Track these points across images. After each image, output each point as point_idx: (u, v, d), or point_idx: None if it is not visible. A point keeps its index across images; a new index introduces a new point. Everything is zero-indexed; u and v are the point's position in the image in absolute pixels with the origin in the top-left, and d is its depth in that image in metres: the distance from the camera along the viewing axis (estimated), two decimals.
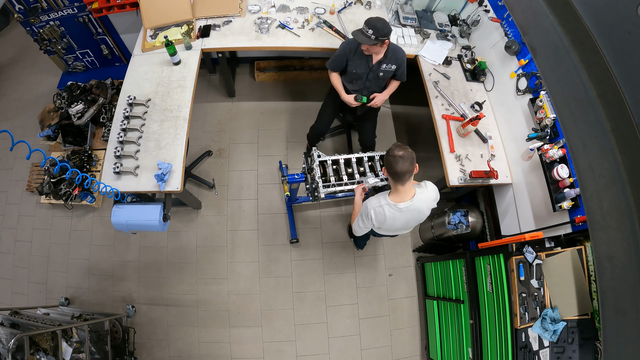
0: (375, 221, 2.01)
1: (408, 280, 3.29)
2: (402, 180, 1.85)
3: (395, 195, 1.94)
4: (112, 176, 2.38)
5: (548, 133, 2.29)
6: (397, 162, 1.79)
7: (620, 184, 1.75)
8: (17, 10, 3.16)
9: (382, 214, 1.98)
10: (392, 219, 2.00)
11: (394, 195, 1.95)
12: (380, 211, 1.97)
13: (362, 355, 3.05)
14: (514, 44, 2.57)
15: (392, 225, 2.07)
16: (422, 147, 3.74)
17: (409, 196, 1.93)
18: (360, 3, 3.25)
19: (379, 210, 1.97)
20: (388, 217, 1.98)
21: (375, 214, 1.99)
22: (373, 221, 2.02)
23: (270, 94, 3.89)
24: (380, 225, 2.06)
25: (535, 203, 2.42)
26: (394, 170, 1.81)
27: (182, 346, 2.98)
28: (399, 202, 1.93)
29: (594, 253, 1.89)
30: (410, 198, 1.93)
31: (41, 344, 2.09)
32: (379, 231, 2.28)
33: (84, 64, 3.82)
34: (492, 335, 2.19)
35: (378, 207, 1.97)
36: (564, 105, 2.12)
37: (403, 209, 1.95)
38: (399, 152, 1.80)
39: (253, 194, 3.44)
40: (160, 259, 3.22)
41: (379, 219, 2.00)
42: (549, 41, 2.21)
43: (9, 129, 1.69)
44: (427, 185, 2.02)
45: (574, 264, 2.04)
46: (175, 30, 2.95)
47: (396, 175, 1.83)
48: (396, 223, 2.05)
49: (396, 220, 2.01)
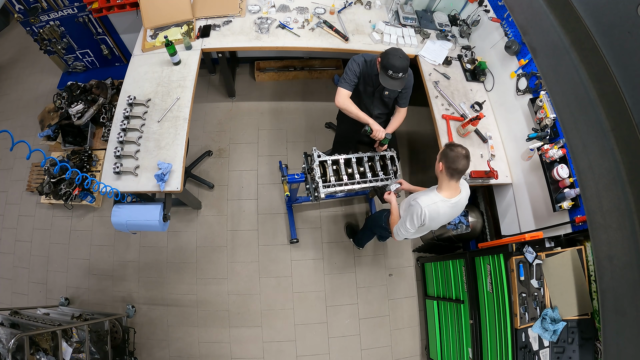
0: (428, 219, 2.01)
1: (408, 280, 3.29)
2: (458, 177, 1.92)
3: (446, 191, 1.98)
4: (112, 176, 2.38)
5: (548, 133, 2.29)
6: (461, 160, 1.84)
7: (620, 184, 1.75)
8: (17, 10, 3.16)
9: (436, 211, 2.00)
10: (442, 215, 2.04)
11: (444, 191, 1.99)
12: (434, 208, 1.99)
13: (362, 355, 3.05)
14: (514, 44, 2.57)
15: (438, 222, 2.11)
16: (422, 147, 3.76)
17: (457, 192, 2.00)
18: (360, 3, 3.25)
19: (434, 208, 1.99)
20: (441, 213, 2.02)
21: (429, 212, 1.99)
22: (425, 220, 2.02)
23: (270, 94, 3.89)
24: (429, 222, 2.05)
25: (535, 203, 2.42)
26: (456, 167, 1.86)
27: (182, 346, 2.98)
28: (450, 197, 1.98)
29: (594, 253, 1.89)
30: (459, 193, 2.00)
31: (41, 344, 2.09)
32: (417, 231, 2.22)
33: (84, 64, 3.82)
34: (492, 335, 2.19)
35: (432, 205, 1.98)
36: (564, 105, 2.12)
37: (454, 204, 2.01)
38: (463, 151, 1.86)
39: (253, 194, 3.44)
40: (160, 259, 3.22)
41: (432, 216, 2.01)
42: (549, 41, 2.21)
43: (9, 129, 1.69)
44: (464, 182, 2.09)
45: (574, 264, 2.04)
46: (175, 30, 2.95)
47: (456, 172, 1.88)
48: (441, 219, 2.09)
49: (444, 216, 2.06)
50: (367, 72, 2.35)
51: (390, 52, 2.12)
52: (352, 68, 2.35)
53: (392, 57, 2.09)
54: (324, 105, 3.87)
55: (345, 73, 2.38)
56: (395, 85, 2.18)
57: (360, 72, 2.35)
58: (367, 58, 2.34)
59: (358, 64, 2.35)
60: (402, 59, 2.10)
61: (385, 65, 2.11)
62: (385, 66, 2.12)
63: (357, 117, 2.41)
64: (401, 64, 2.09)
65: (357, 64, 2.35)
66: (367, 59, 2.34)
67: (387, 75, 2.12)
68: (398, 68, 2.09)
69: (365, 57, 2.35)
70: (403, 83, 2.21)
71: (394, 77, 2.12)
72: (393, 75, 2.11)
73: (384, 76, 2.15)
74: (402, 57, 2.10)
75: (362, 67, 2.34)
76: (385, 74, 2.13)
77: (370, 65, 2.33)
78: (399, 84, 2.19)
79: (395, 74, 2.10)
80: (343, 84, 2.38)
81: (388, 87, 2.18)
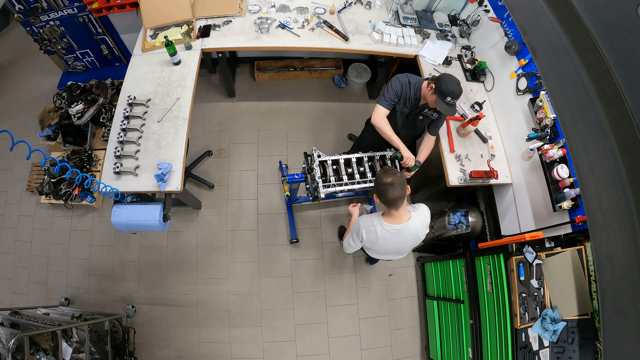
0: (367, 241, 1.98)
1: (408, 280, 3.29)
2: (395, 205, 1.83)
3: (388, 217, 1.91)
4: (112, 176, 2.38)
5: (548, 133, 2.29)
6: (388, 190, 1.77)
7: (620, 184, 1.75)
8: (17, 10, 3.16)
9: (374, 234, 1.93)
10: (383, 240, 1.95)
11: (387, 217, 1.92)
12: (372, 230, 1.93)
13: (362, 355, 3.05)
14: (514, 44, 2.57)
15: (383, 248, 2.02)
16: None
17: (403, 220, 1.90)
18: (360, 3, 3.25)
19: (371, 229, 1.93)
20: (380, 237, 1.94)
21: (366, 233, 1.95)
22: (364, 240, 1.98)
23: (270, 94, 3.89)
24: (370, 245, 2.02)
25: (535, 203, 2.42)
26: (386, 199, 1.80)
27: (182, 346, 2.98)
28: (393, 223, 1.90)
29: (594, 253, 1.89)
30: (405, 221, 1.90)
31: (41, 344, 2.09)
32: (369, 252, 2.25)
33: (84, 64, 3.82)
34: (492, 335, 2.19)
35: (370, 226, 1.93)
36: (564, 105, 2.12)
37: (396, 232, 1.91)
38: (388, 179, 1.77)
39: (253, 194, 3.44)
40: (160, 259, 3.22)
41: (370, 238, 1.96)
42: (549, 41, 2.21)
43: (9, 129, 1.69)
44: (421, 208, 1.99)
45: (574, 264, 2.04)
46: (175, 30, 2.95)
47: (388, 202, 1.81)
48: (387, 245, 2.00)
49: (387, 242, 1.97)
50: (409, 94, 2.34)
51: (448, 79, 2.11)
52: (395, 87, 2.33)
53: (450, 84, 2.09)
54: (324, 105, 3.87)
55: (387, 91, 2.35)
56: (450, 111, 2.18)
57: (402, 92, 2.33)
58: (412, 80, 2.33)
59: (401, 84, 2.33)
60: (458, 85, 2.12)
61: (444, 92, 2.10)
62: (443, 92, 2.10)
63: (390, 139, 2.38)
64: (459, 91, 2.12)
65: (400, 83, 2.33)
66: (412, 80, 2.33)
67: (444, 101, 2.12)
68: (457, 94, 2.11)
69: (410, 79, 2.33)
70: (455, 109, 2.24)
71: (451, 103, 2.13)
72: (451, 101, 2.12)
73: (441, 102, 2.14)
74: (458, 83, 2.12)
75: (404, 88, 2.33)
76: (442, 100, 2.12)
77: (414, 88, 2.32)
78: (453, 110, 2.21)
79: (453, 100, 2.12)
80: (382, 102, 2.36)
81: (445, 112, 2.18)
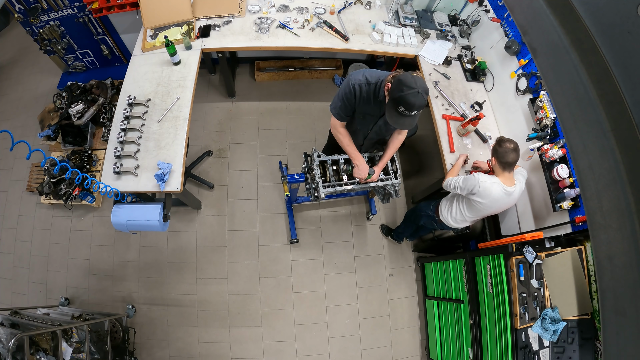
0: (480, 193, 2.10)
1: (408, 280, 3.29)
2: (510, 168, 2.08)
3: (504, 179, 2.11)
4: (112, 176, 2.38)
5: (548, 133, 2.29)
6: (509, 154, 2.02)
7: (620, 184, 1.75)
8: (17, 10, 3.16)
9: (489, 190, 2.08)
10: (495, 197, 2.10)
11: (503, 179, 2.12)
12: (489, 187, 2.08)
13: (362, 355, 3.05)
14: (514, 44, 2.57)
15: (490, 205, 2.15)
16: (422, 148, 3.76)
17: (512, 183, 2.12)
18: (360, 3, 3.25)
19: (489, 186, 2.08)
20: (494, 196, 2.10)
21: (483, 189, 2.08)
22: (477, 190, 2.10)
23: (270, 94, 3.89)
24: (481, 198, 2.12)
25: (535, 203, 2.42)
26: (507, 160, 2.04)
27: (182, 346, 2.98)
28: (507, 185, 2.10)
29: (594, 253, 1.89)
30: (514, 185, 2.12)
31: (41, 344, 2.09)
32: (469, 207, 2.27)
33: (84, 64, 3.82)
34: (492, 335, 2.19)
35: (489, 183, 2.08)
36: (564, 105, 2.12)
37: (509, 193, 2.11)
38: (510, 145, 2.03)
39: (253, 194, 3.44)
40: (160, 259, 3.22)
41: (484, 194, 2.10)
42: (549, 41, 2.21)
43: (9, 129, 1.69)
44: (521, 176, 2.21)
45: (574, 264, 2.04)
46: (175, 30, 2.95)
47: (507, 164, 2.06)
48: (494, 203, 2.14)
49: (498, 201, 2.13)
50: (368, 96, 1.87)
51: (405, 83, 1.62)
52: (345, 95, 1.88)
53: (407, 91, 1.60)
54: (324, 105, 3.87)
55: (340, 100, 1.94)
56: (405, 124, 1.72)
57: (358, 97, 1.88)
58: (370, 79, 1.83)
59: (353, 89, 1.85)
60: (420, 94, 1.61)
61: (397, 100, 1.63)
62: (396, 100, 1.64)
63: (346, 152, 2.14)
64: (418, 102, 1.62)
65: (351, 89, 1.85)
66: (371, 80, 1.83)
67: (396, 111, 1.67)
68: (413, 106, 1.62)
69: (369, 77, 1.83)
70: (415, 121, 1.73)
71: (406, 114, 1.66)
72: (405, 112, 1.65)
73: (392, 112, 1.69)
74: (421, 90, 1.61)
75: (359, 92, 1.85)
76: (394, 109, 1.67)
77: (375, 88, 1.83)
78: (409, 123, 1.72)
79: (407, 112, 1.65)
80: (333, 110, 2.02)
81: (396, 126, 1.76)
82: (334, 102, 2.03)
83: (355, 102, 1.91)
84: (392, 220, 3.47)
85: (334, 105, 2.02)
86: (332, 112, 2.06)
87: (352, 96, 1.88)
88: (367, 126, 2.13)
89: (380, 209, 3.48)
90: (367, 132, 2.20)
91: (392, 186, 2.42)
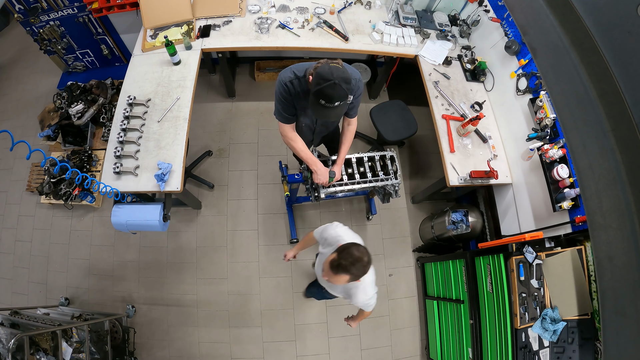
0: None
1: (408, 280, 3.29)
2: None
3: None
4: (112, 176, 2.38)
5: (548, 133, 2.29)
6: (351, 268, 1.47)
7: (620, 184, 1.75)
8: (17, 10, 3.16)
9: None
10: None
11: None
12: None
13: (362, 355, 3.05)
14: (514, 44, 2.57)
15: None
16: (422, 148, 3.76)
17: None
18: (360, 3, 3.25)
19: None
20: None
21: None
22: None
23: (271, 94, 3.83)
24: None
25: (535, 203, 2.42)
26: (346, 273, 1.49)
27: (182, 346, 2.98)
28: None
29: (594, 253, 1.89)
30: None
31: (41, 344, 2.09)
32: None
33: (84, 64, 3.82)
34: (492, 335, 2.19)
35: None
36: (564, 105, 2.12)
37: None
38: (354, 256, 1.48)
39: (253, 194, 3.44)
40: (160, 259, 3.22)
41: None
42: (549, 41, 2.21)
43: (9, 129, 1.69)
44: None
45: (574, 264, 2.04)
46: (175, 30, 2.95)
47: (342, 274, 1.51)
48: None
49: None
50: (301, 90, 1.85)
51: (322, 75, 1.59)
52: (281, 94, 1.87)
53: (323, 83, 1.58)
54: None
55: (278, 101, 1.92)
56: (331, 115, 1.68)
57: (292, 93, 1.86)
58: (298, 73, 1.82)
59: (285, 87, 1.82)
60: (338, 85, 1.57)
61: (316, 94, 1.62)
62: (315, 94, 1.63)
63: (302, 158, 2.06)
64: (335, 93, 1.58)
65: (284, 86, 1.82)
66: (299, 74, 1.81)
67: (319, 104, 1.64)
68: (331, 98, 1.59)
69: (296, 71, 1.82)
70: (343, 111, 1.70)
71: (329, 106, 1.63)
72: (327, 105, 1.62)
73: (315, 105, 1.66)
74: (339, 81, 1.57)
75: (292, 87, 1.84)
76: (317, 102, 1.64)
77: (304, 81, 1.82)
78: (335, 114, 1.68)
79: (329, 104, 1.62)
80: (278, 116, 1.98)
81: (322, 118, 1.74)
82: (275, 108, 2.00)
83: (292, 99, 1.90)
84: (390, 223, 3.46)
85: (276, 110, 2.00)
86: (277, 118, 2.01)
87: (287, 94, 1.87)
88: (311, 119, 2.12)
89: (381, 209, 3.48)
90: (314, 126, 2.17)
91: (392, 186, 2.42)
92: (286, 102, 1.91)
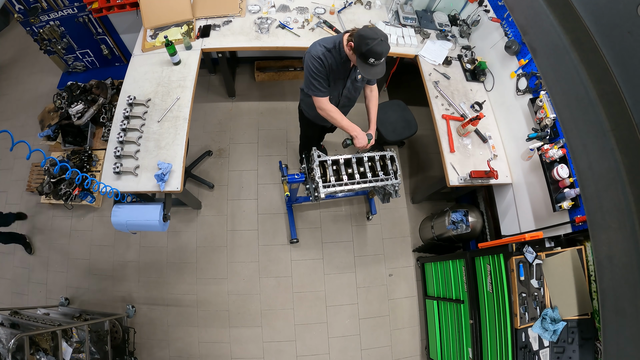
0: None
1: (408, 280, 3.29)
2: None
3: None
4: (112, 176, 2.38)
5: (548, 133, 2.29)
6: None
7: (620, 184, 1.75)
8: (17, 10, 3.16)
9: None
10: None
11: None
12: None
13: (362, 355, 3.05)
14: (514, 44, 2.57)
15: None
16: (422, 147, 3.76)
17: None
18: (360, 3, 3.25)
19: None
20: None
21: None
22: None
23: (270, 94, 3.89)
24: None
25: (535, 203, 2.42)
26: None
27: (182, 346, 2.98)
28: None
29: (594, 253, 1.89)
30: None
31: (41, 344, 2.09)
32: None
33: (84, 64, 3.82)
34: (492, 335, 2.19)
35: None
36: (564, 105, 2.12)
37: None
38: None
39: (253, 194, 3.44)
40: (160, 259, 3.22)
41: None
42: (549, 41, 2.21)
43: (9, 129, 1.69)
44: None
45: (574, 264, 2.04)
46: (175, 30, 2.95)
47: None
48: None
49: None
50: (334, 61, 2.00)
51: (368, 36, 1.77)
52: (316, 68, 2.00)
53: (371, 43, 1.76)
54: None
55: (312, 77, 2.04)
56: (377, 72, 1.88)
57: (327, 66, 2.00)
58: (327, 45, 1.98)
59: (319, 60, 1.97)
60: (384, 41, 1.79)
61: (365, 54, 1.80)
62: (365, 54, 1.80)
63: (340, 125, 2.17)
64: (384, 49, 1.79)
65: (318, 59, 1.97)
66: (328, 45, 1.98)
67: (367, 63, 1.83)
68: (381, 54, 1.79)
69: (326, 44, 1.99)
70: (384, 68, 1.91)
71: (376, 64, 1.84)
72: (375, 62, 1.82)
73: (363, 65, 1.86)
74: (384, 38, 1.79)
75: (325, 61, 1.98)
76: (365, 62, 1.83)
77: (336, 51, 1.97)
78: (380, 70, 1.89)
79: (377, 61, 1.82)
80: (317, 92, 2.09)
81: (370, 76, 1.91)
82: (308, 84, 2.12)
83: (326, 71, 2.03)
84: (390, 223, 3.47)
85: (310, 86, 2.11)
86: (313, 93, 2.12)
87: (322, 67, 2.00)
88: (337, 91, 2.24)
89: (381, 209, 3.48)
90: (339, 98, 2.30)
91: (392, 186, 2.42)
92: (322, 75, 2.03)
